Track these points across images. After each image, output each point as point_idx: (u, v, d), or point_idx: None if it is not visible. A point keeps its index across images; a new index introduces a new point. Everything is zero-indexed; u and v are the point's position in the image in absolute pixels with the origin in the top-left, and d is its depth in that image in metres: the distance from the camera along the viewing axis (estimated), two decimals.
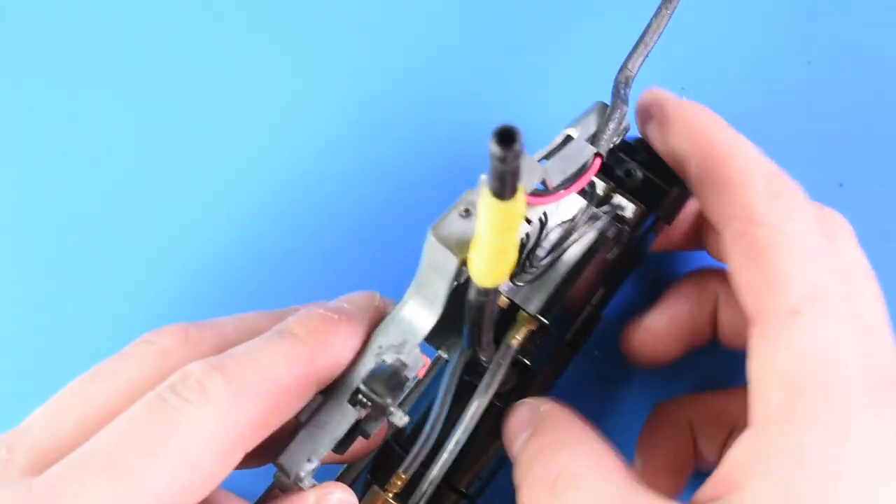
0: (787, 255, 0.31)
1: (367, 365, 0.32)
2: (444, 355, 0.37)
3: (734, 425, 0.37)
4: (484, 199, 0.24)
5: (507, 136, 0.22)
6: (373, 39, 0.46)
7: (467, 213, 0.28)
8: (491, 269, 0.27)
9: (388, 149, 0.44)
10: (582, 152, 0.33)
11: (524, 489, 0.32)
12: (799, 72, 0.44)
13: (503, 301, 0.35)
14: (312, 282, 0.43)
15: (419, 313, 0.32)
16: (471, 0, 0.46)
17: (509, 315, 0.35)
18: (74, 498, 0.27)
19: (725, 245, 0.33)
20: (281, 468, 0.32)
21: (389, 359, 0.32)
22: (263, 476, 0.33)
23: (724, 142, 0.33)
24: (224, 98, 0.45)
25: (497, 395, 0.34)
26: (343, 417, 0.32)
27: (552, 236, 0.36)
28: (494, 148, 0.22)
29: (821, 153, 0.43)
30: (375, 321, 0.33)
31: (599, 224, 0.36)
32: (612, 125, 0.34)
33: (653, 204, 0.36)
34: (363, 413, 0.32)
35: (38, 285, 0.43)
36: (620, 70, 0.35)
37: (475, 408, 0.34)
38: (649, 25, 0.35)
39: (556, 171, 0.32)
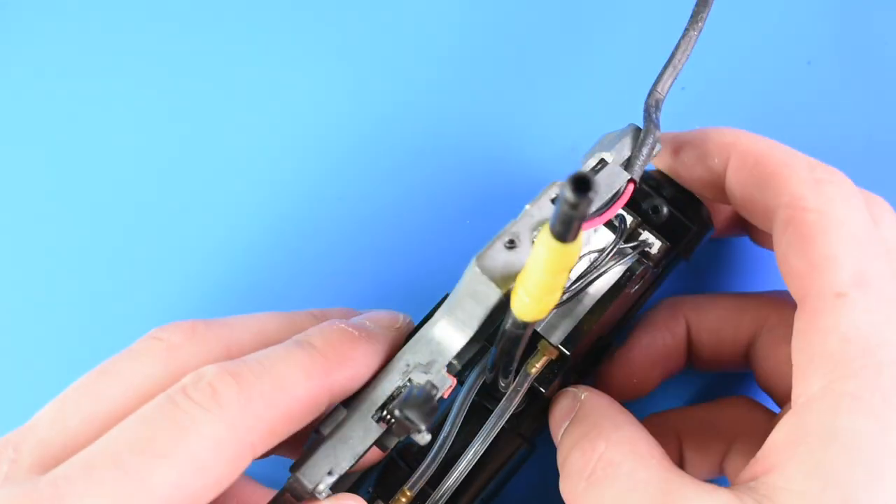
0: (835, 239, 0.31)
1: (394, 382, 0.31)
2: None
3: (729, 438, 0.37)
4: (544, 240, 0.24)
5: (582, 184, 0.22)
6: (385, 53, 0.45)
7: (512, 245, 0.28)
8: (535, 305, 0.27)
9: (401, 159, 0.44)
10: (617, 178, 0.33)
11: (563, 478, 0.32)
12: (799, 72, 0.44)
13: None
14: (323, 285, 0.42)
15: (450, 334, 0.31)
16: (479, 14, 0.45)
17: (530, 342, 0.35)
18: (79, 498, 0.27)
19: (774, 234, 0.33)
20: (299, 479, 0.31)
21: (417, 378, 0.31)
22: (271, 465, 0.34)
23: (758, 142, 0.34)
24: (238, 103, 0.45)
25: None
26: (366, 433, 0.31)
27: (579, 266, 0.35)
28: (568, 194, 0.22)
29: (820, 153, 0.41)
30: (398, 341, 0.33)
31: (627, 260, 0.36)
32: (644, 150, 0.33)
33: (677, 241, 0.37)
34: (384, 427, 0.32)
35: (48, 284, 0.42)
36: (650, 93, 0.35)
37: (488, 432, 0.34)
38: (677, 47, 0.35)
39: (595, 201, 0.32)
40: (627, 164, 0.34)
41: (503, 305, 0.29)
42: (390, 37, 0.45)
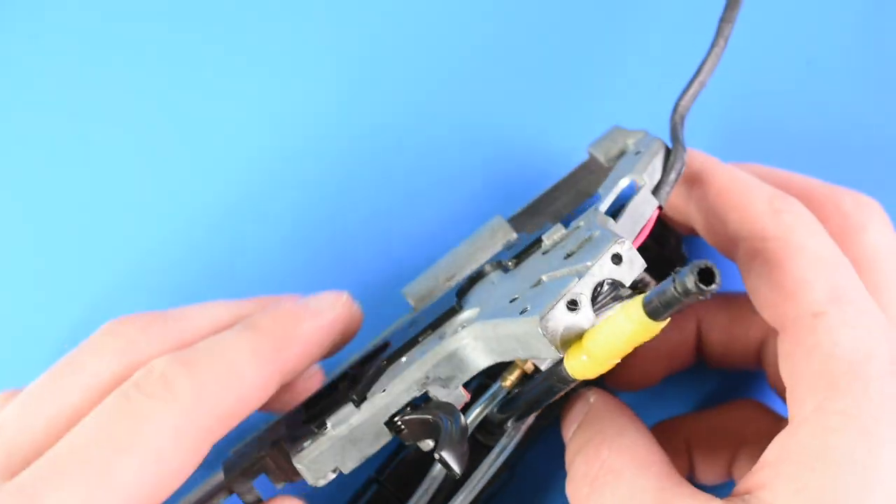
0: (802, 263, 0.32)
1: (411, 392, 0.31)
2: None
3: (737, 443, 0.38)
4: (635, 314, 0.24)
5: (708, 277, 0.22)
6: (383, 47, 0.45)
7: (573, 307, 0.27)
8: (594, 367, 0.27)
9: (388, 150, 0.43)
10: (647, 206, 0.32)
11: (569, 480, 0.33)
12: (799, 72, 0.44)
13: (529, 367, 0.34)
14: (281, 273, 0.42)
15: (477, 357, 0.31)
16: (490, 16, 0.45)
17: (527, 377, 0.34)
18: (46, 499, 0.28)
19: (740, 267, 0.34)
20: (299, 470, 0.31)
21: (435, 391, 0.31)
22: None
23: (721, 174, 0.34)
24: (217, 97, 0.44)
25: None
26: (377, 438, 0.31)
27: None
28: (690, 283, 0.22)
29: (821, 153, 0.43)
30: (344, 320, 0.33)
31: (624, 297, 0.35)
32: (672, 175, 0.33)
33: (662, 275, 0.37)
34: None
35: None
36: (675, 108, 0.35)
37: (485, 470, 0.34)
38: (704, 62, 0.35)
39: (628, 232, 0.31)
40: (656, 189, 0.33)
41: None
42: (395, 35, 0.45)
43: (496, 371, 0.33)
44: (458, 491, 0.34)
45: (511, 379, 0.33)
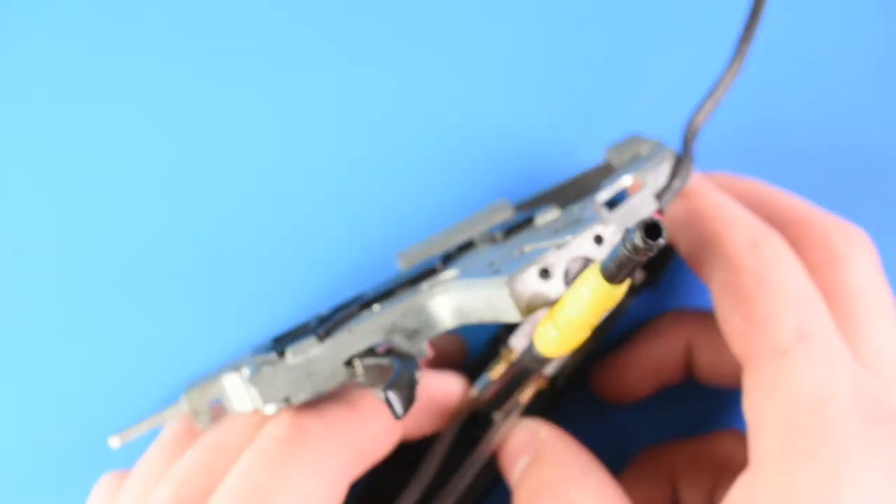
0: (772, 299, 0.32)
1: (375, 336, 0.31)
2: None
3: (718, 472, 0.38)
4: (593, 280, 0.24)
5: (654, 231, 0.22)
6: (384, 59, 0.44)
7: (545, 275, 0.27)
8: (563, 342, 0.27)
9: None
10: (645, 206, 0.32)
11: None
12: (799, 71, 0.43)
13: (513, 357, 0.35)
14: (279, 266, 0.41)
15: (445, 314, 0.31)
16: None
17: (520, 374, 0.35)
18: None
19: (713, 294, 0.33)
20: (249, 386, 0.33)
21: (399, 341, 0.31)
22: None
23: (707, 199, 0.35)
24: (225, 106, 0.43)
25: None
26: (333, 376, 0.32)
27: None
28: (638, 239, 0.22)
29: (821, 153, 0.42)
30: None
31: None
32: (677, 183, 0.33)
33: (654, 273, 0.38)
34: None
35: None
36: (690, 121, 0.35)
37: (476, 464, 0.34)
38: (721, 79, 0.35)
39: (618, 223, 0.31)
40: (660, 194, 0.33)
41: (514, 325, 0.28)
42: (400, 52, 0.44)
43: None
44: (448, 485, 0.34)
45: (498, 370, 0.34)
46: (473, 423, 0.35)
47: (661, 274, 0.38)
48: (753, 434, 0.31)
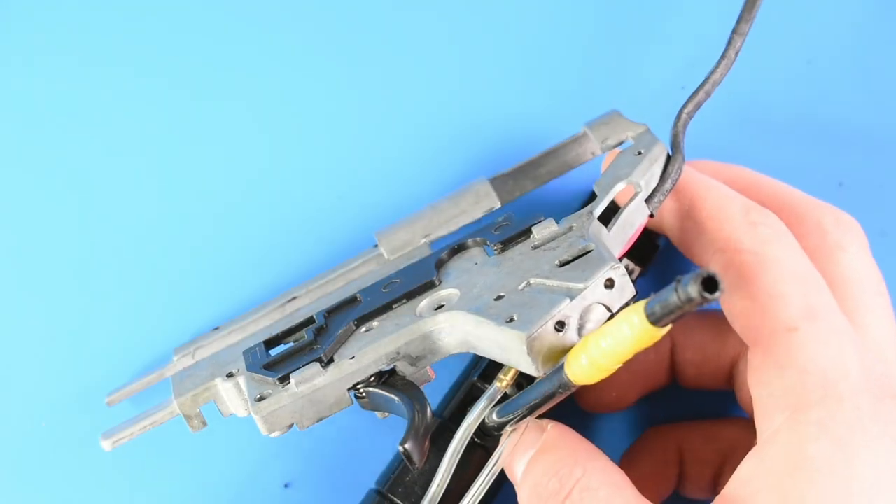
0: (777, 276, 0.32)
1: (380, 363, 0.32)
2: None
3: (725, 453, 0.38)
4: (636, 321, 0.24)
5: (712, 285, 0.22)
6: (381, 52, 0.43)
7: (561, 328, 0.28)
8: (594, 373, 0.27)
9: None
10: (640, 213, 0.33)
11: (533, 499, 0.33)
12: (799, 72, 0.43)
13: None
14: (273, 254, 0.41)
15: (450, 344, 0.32)
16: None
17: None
18: None
19: None
20: (256, 421, 0.32)
21: (403, 367, 0.32)
22: None
23: (695, 184, 0.35)
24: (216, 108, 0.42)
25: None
26: (338, 402, 0.32)
27: None
28: (695, 293, 0.22)
29: (821, 152, 0.42)
30: None
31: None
32: (668, 184, 0.33)
33: (645, 263, 0.38)
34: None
35: None
36: (679, 117, 0.34)
37: (487, 474, 0.34)
38: (712, 73, 0.35)
39: (618, 242, 0.33)
40: (650, 197, 0.34)
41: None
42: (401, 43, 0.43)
43: (492, 374, 0.34)
44: (463, 497, 0.33)
45: (506, 380, 0.33)
46: (482, 434, 0.34)
47: (650, 263, 0.38)
48: (761, 411, 0.31)
